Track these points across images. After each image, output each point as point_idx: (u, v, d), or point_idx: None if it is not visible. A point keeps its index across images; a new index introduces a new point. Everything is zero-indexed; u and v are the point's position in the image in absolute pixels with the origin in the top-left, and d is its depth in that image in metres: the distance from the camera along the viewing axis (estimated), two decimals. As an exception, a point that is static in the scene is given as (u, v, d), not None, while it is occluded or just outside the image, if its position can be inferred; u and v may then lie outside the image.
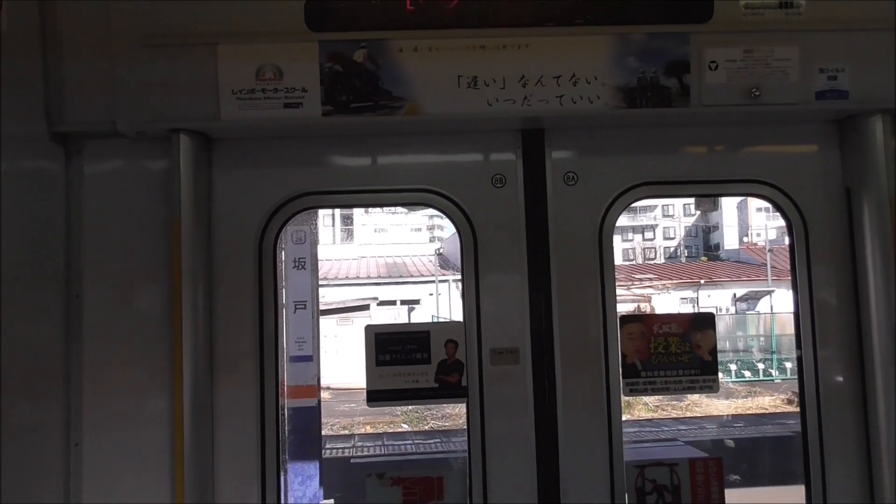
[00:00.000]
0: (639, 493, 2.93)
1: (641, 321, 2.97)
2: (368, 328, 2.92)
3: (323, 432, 8.24)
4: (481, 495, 2.83)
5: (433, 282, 36.38)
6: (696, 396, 22.16)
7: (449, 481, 2.92)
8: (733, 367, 23.72)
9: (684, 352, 2.91)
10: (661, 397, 22.30)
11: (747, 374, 23.92)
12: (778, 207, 3.01)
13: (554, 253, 2.92)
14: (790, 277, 3.03)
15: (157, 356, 2.75)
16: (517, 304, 2.90)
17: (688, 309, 32.17)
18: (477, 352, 2.87)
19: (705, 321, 2.97)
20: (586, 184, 2.95)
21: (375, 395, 2.86)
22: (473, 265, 2.91)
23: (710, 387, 2.92)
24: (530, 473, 2.85)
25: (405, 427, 19.38)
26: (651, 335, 2.92)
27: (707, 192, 3.20)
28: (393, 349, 2.86)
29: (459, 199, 2.94)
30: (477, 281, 2.91)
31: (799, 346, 2.99)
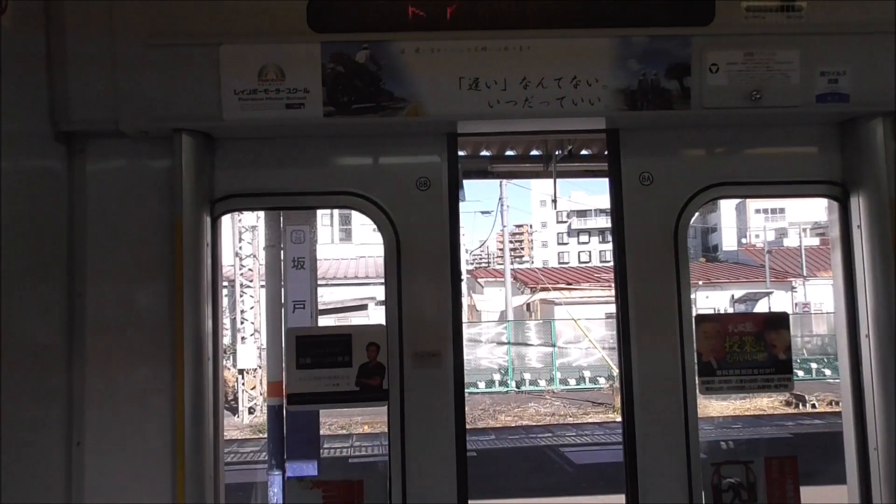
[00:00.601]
0: (715, 490, 2.92)
1: (717, 320, 2.96)
2: (290, 331, 2.90)
3: (321, 432, 8.24)
4: (400, 497, 2.81)
5: (431, 282, 36.32)
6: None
7: (370, 484, 2.89)
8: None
9: (759, 351, 2.92)
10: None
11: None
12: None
13: (630, 252, 2.91)
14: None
15: (158, 355, 2.76)
16: (440, 308, 2.88)
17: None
18: (398, 355, 2.85)
19: (780, 321, 2.97)
20: (661, 184, 2.95)
21: (296, 399, 2.84)
22: (396, 268, 2.88)
23: (785, 385, 2.93)
24: (450, 476, 2.84)
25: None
26: (726, 334, 2.92)
27: (781, 192, 3.13)
28: (314, 352, 2.83)
29: (382, 202, 2.91)
30: (399, 283, 2.88)
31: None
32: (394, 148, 2.94)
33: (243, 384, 20.12)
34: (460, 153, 5.47)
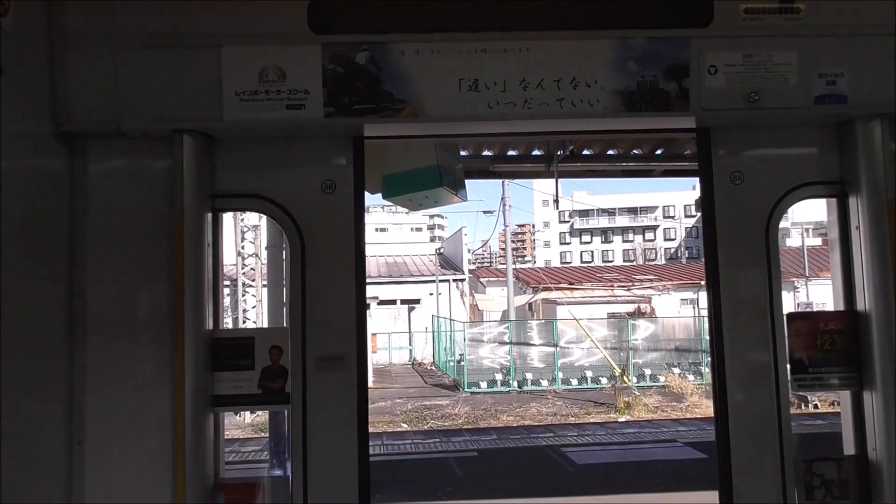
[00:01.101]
0: (807, 487, 2.92)
1: (808, 318, 2.97)
2: None
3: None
4: (301, 499, 2.81)
5: (433, 281, 36.40)
6: (695, 398, 22.18)
7: (272, 486, 2.87)
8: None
9: (850, 349, 2.92)
10: (661, 399, 22.33)
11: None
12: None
13: (722, 250, 2.92)
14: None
15: (159, 354, 2.77)
16: (345, 311, 2.88)
17: (688, 310, 32.17)
18: (301, 358, 2.84)
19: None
20: (753, 183, 2.95)
21: None
22: (300, 270, 2.88)
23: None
24: (352, 478, 2.83)
25: (405, 426, 19.41)
26: (817, 332, 2.93)
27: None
28: (217, 355, 2.81)
29: (287, 205, 2.90)
30: (303, 286, 2.87)
31: None
32: (299, 151, 2.93)
33: (245, 383, 20.12)
34: (462, 153, 5.49)
